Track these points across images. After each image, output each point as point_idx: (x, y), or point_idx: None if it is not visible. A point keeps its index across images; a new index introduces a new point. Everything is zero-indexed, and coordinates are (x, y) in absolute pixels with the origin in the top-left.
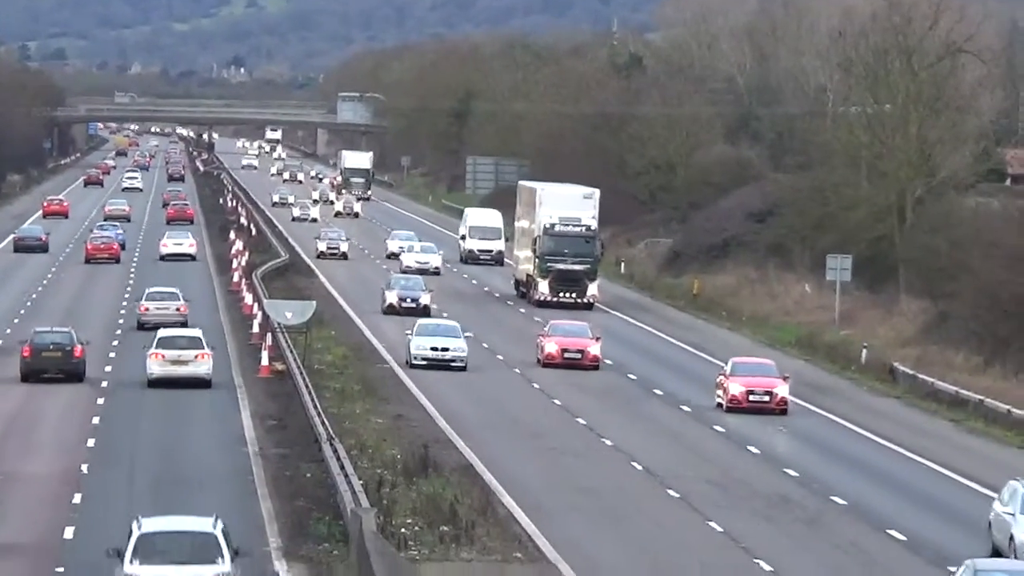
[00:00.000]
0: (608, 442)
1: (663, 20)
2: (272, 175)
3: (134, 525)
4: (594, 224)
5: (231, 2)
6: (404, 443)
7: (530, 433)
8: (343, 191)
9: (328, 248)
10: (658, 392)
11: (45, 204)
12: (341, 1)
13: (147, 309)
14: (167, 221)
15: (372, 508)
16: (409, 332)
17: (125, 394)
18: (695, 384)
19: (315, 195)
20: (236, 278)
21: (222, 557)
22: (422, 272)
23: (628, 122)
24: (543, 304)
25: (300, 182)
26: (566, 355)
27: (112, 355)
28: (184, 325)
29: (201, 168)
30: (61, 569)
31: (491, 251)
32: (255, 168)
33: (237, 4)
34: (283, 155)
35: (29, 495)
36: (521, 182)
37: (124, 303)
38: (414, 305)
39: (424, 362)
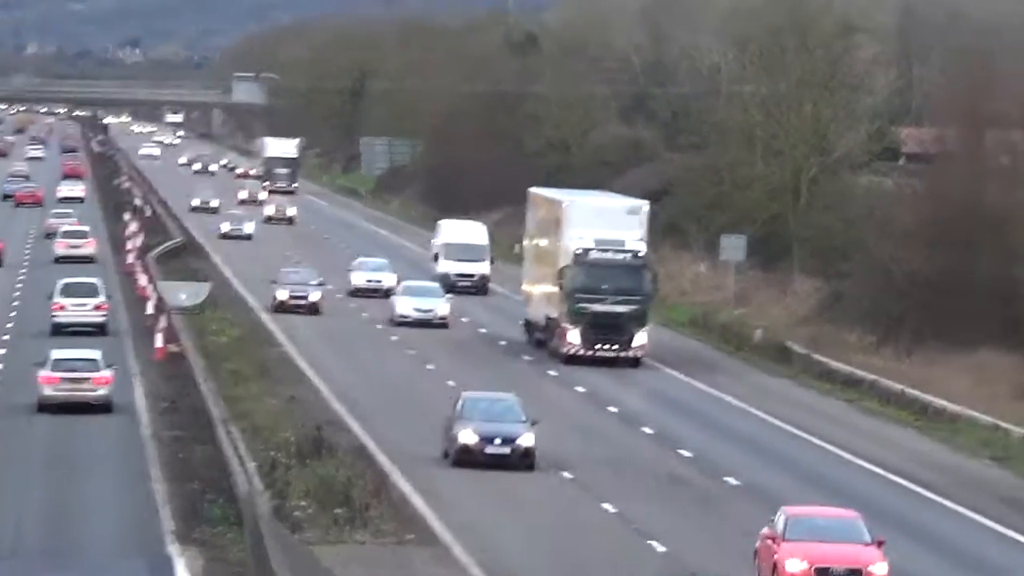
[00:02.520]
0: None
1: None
2: (180, 165)
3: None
4: (643, 249)
5: None
6: (298, 425)
7: (423, 413)
8: (269, 190)
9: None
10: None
11: None
12: None
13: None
14: (63, 177)
15: (266, 491)
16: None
17: (22, 359)
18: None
19: (243, 194)
20: (130, 259)
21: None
22: (424, 324)
23: (524, 101)
24: (574, 360)
25: (213, 174)
26: None
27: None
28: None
29: (96, 149)
30: None
31: (473, 275)
32: (156, 158)
33: None
34: (177, 139)
35: None
36: (534, 189)
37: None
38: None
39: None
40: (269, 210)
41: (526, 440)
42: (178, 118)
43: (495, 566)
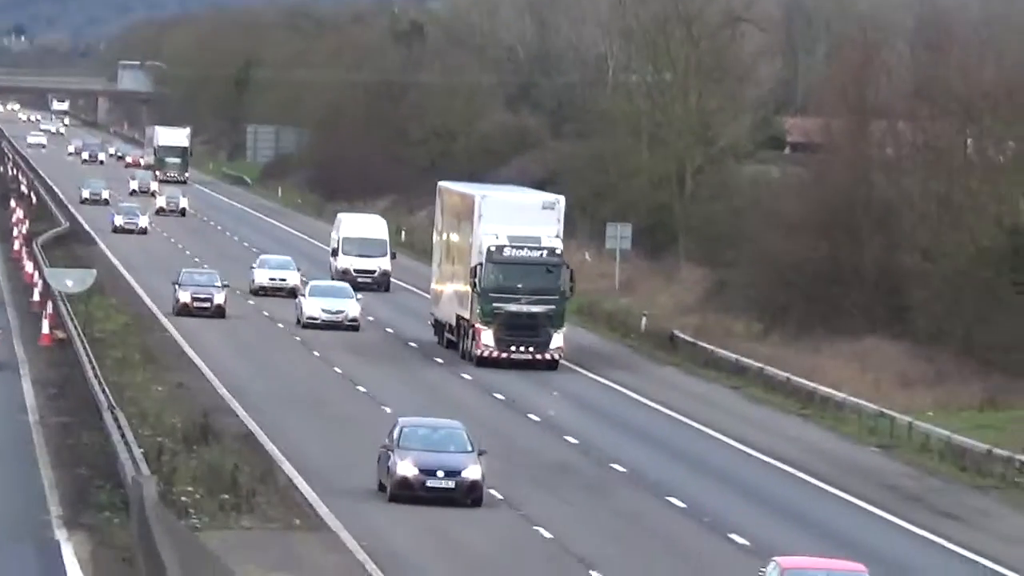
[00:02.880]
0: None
1: None
2: (69, 154)
3: None
4: (559, 246)
5: None
6: (185, 411)
7: (312, 401)
8: (160, 179)
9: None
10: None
11: None
12: None
13: None
14: None
15: (152, 476)
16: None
17: None
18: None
19: (134, 183)
20: (17, 246)
21: None
22: (333, 326)
23: (409, 90)
24: (486, 362)
25: (102, 163)
26: None
27: None
28: None
29: None
30: None
31: (373, 271)
32: (44, 147)
33: None
34: (63, 128)
35: None
36: (443, 183)
37: None
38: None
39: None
40: (160, 201)
41: (472, 473)
42: (64, 106)
43: (384, 548)
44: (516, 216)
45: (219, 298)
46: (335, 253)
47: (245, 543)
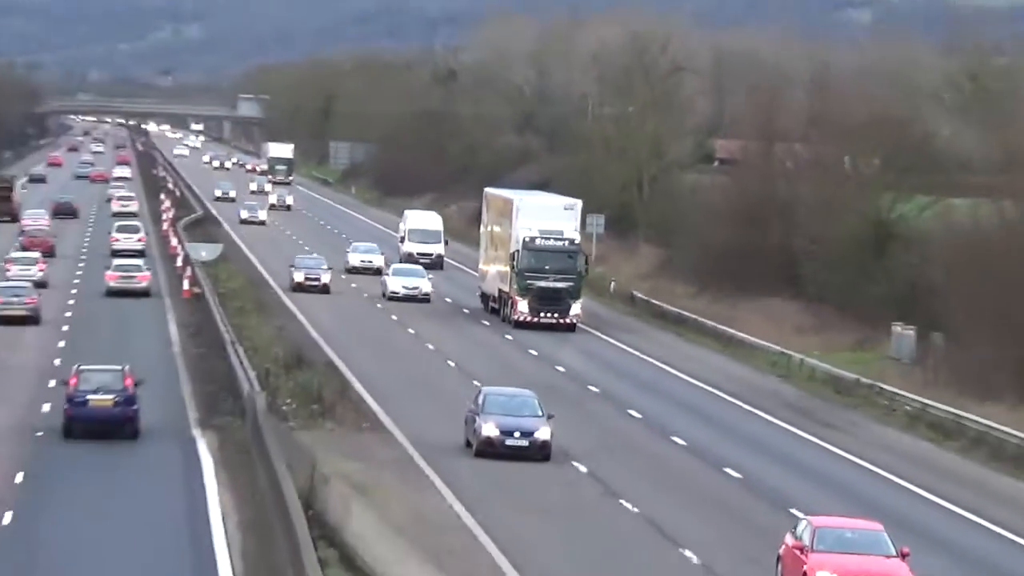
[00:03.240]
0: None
1: (473, 43)
2: (204, 163)
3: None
4: (577, 237)
5: (162, 28)
6: (285, 346)
7: (381, 345)
8: (271, 182)
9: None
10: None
11: (49, 159)
12: (242, 27)
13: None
14: (116, 164)
15: (262, 392)
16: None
17: (95, 267)
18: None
19: (253, 185)
20: (165, 227)
21: None
22: (411, 299)
23: (446, 118)
24: (522, 325)
25: (228, 169)
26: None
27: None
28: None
29: (140, 148)
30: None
31: (431, 254)
32: (185, 157)
33: (165, 29)
34: (199, 143)
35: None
36: (489, 189)
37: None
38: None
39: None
40: (272, 199)
41: (543, 434)
42: (199, 127)
43: (425, 445)
44: (544, 215)
45: (325, 278)
46: (403, 240)
47: (327, 440)
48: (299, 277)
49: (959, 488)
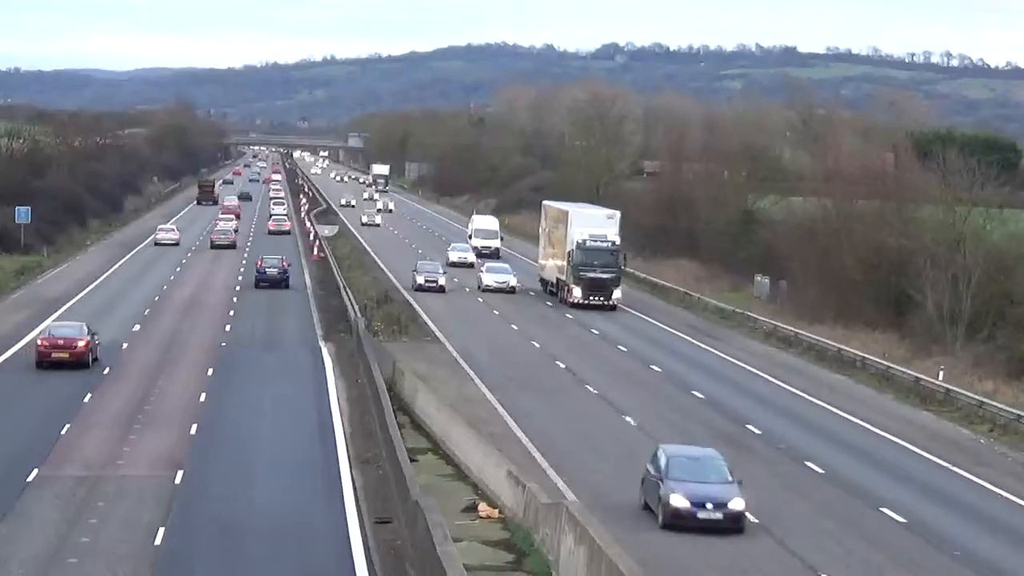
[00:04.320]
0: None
1: (494, 101)
2: (332, 176)
3: None
4: (617, 240)
5: (302, 92)
6: (378, 289)
7: (450, 299)
8: (376, 191)
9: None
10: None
11: (233, 171)
12: (351, 91)
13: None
14: (273, 173)
15: (362, 317)
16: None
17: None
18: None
19: (366, 194)
20: (303, 215)
21: None
22: (499, 290)
23: (476, 148)
24: (576, 306)
25: (345, 181)
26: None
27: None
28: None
29: (287, 166)
30: (231, 312)
31: (491, 247)
32: (319, 174)
33: (303, 93)
34: (325, 164)
35: (215, 310)
36: (547, 202)
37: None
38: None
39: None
40: (379, 205)
41: (737, 504)
42: (325, 154)
43: (464, 351)
44: (592, 222)
45: (442, 280)
46: (470, 237)
47: (403, 348)
48: (420, 280)
49: (795, 377)
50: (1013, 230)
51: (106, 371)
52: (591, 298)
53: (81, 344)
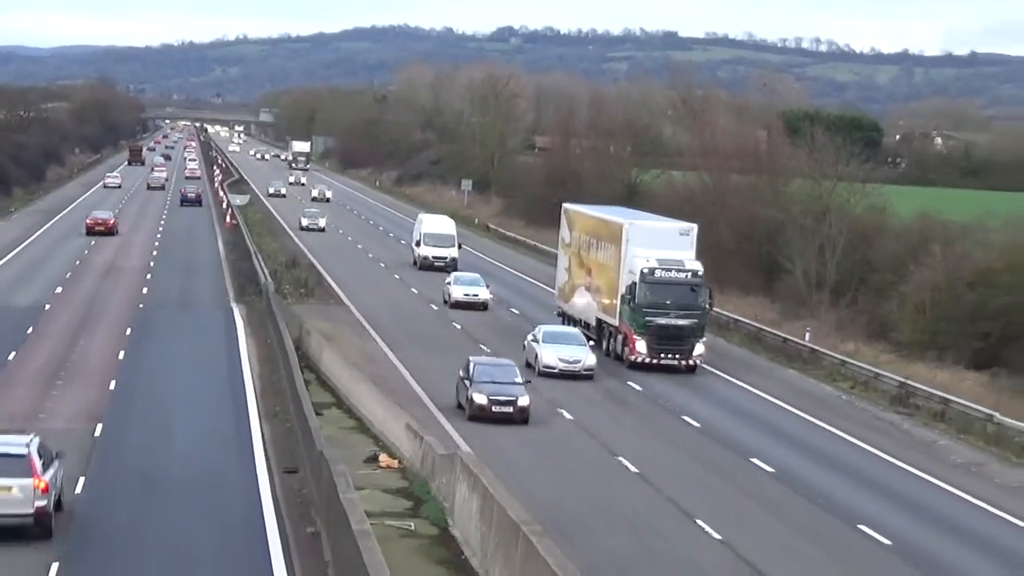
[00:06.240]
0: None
1: (396, 80)
2: (251, 154)
3: None
4: (700, 268)
5: (215, 69)
6: (286, 255)
7: (347, 256)
8: (295, 168)
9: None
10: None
11: (153, 140)
12: (261, 70)
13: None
14: (186, 147)
15: (271, 281)
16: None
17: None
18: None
19: (292, 177)
20: (216, 185)
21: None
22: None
23: (379, 123)
24: (639, 367)
25: (266, 159)
26: None
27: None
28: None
29: (202, 139)
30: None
31: (445, 258)
32: (236, 151)
33: (217, 71)
34: (241, 139)
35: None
36: (571, 206)
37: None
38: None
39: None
40: (314, 193)
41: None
42: (241, 128)
43: (368, 314)
44: (658, 241)
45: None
46: (418, 244)
47: (310, 309)
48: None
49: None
50: (874, 203)
51: (29, 331)
52: (663, 356)
53: None
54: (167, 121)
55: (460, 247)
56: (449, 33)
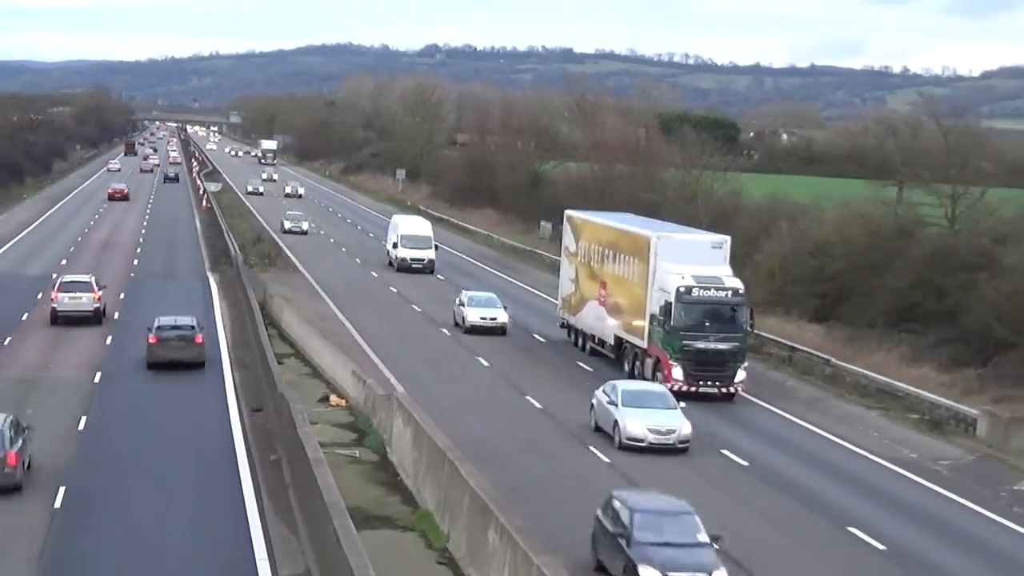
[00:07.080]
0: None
1: (342, 88)
2: (227, 151)
3: None
4: (740, 285)
5: (192, 80)
6: (253, 232)
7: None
8: (264, 163)
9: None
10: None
11: (144, 137)
12: (231, 80)
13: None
14: (169, 143)
15: (240, 254)
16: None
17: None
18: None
19: (264, 174)
20: (193, 175)
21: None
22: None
23: (329, 124)
24: (674, 395)
25: (240, 156)
26: None
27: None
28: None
29: (182, 137)
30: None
31: (423, 260)
32: (214, 149)
33: (194, 80)
34: (217, 137)
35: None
36: (576, 213)
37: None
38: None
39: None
40: (288, 190)
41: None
42: (216, 127)
43: (321, 281)
44: (689, 255)
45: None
46: (395, 246)
47: (273, 277)
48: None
49: None
50: (733, 188)
51: (39, 296)
52: (701, 383)
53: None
54: (156, 123)
55: (437, 248)
56: (385, 50)
